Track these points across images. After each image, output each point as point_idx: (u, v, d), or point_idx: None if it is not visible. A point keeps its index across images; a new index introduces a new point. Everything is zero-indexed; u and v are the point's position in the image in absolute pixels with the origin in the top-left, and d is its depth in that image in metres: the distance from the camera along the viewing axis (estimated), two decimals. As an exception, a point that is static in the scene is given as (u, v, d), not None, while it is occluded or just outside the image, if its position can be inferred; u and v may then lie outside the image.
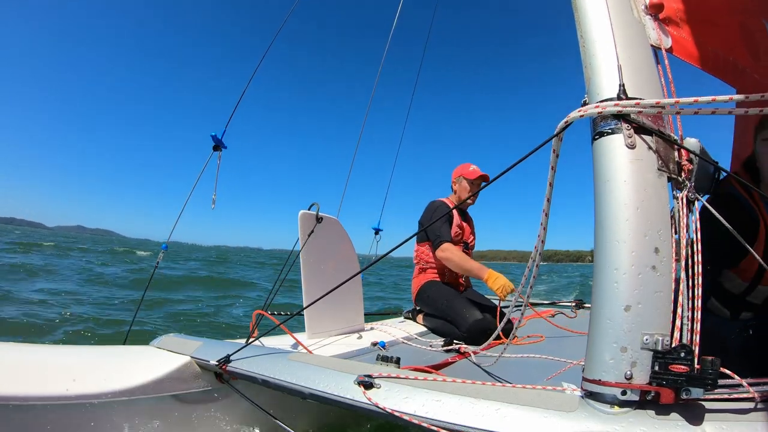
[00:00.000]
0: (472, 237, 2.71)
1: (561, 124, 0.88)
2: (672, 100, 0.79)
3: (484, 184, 2.60)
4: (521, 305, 2.82)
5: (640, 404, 0.71)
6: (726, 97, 0.75)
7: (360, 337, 2.02)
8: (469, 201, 2.62)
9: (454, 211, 2.57)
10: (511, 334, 1.36)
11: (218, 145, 2.08)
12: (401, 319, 2.72)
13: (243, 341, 1.33)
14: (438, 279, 2.51)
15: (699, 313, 0.77)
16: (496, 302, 2.39)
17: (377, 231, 3.47)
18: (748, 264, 1.29)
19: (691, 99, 0.78)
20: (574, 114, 0.86)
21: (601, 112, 0.82)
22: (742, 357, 1.26)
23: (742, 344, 1.29)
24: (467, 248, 2.63)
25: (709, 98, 0.76)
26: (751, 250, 0.92)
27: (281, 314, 2.40)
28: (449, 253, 2.34)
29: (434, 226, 2.40)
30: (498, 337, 1.98)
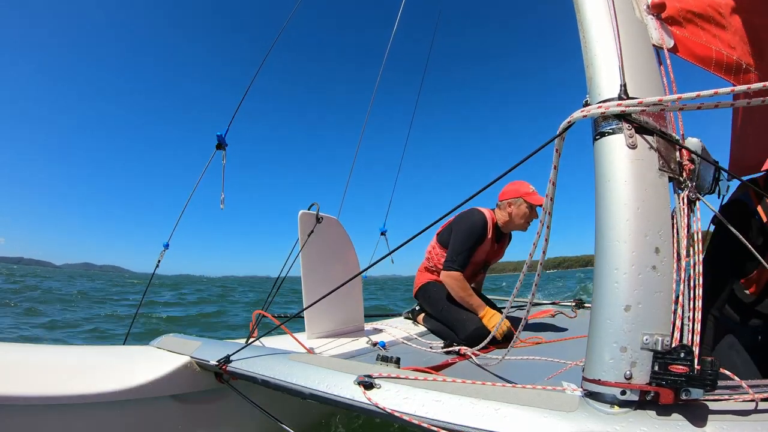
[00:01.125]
0: (499, 257, 2.55)
1: (563, 124, 0.88)
2: (674, 97, 0.79)
3: (487, 186, 2.40)
4: (523, 307, 2.82)
5: (640, 404, 0.71)
6: (728, 89, 0.74)
7: (360, 338, 2.02)
8: (520, 223, 2.32)
9: (489, 233, 2.34)
10: (513, 339, 1.35)
11: (221, 144, 2.09)
12: (401, 319, 2.72)
13: (243, 341, 1.33)
14: (442, 282, 2.44)
15: (699, 313, 0.76)
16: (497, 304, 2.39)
17: (383, 233, 3.47)
18: (758, 275, 1.29)
19: (693, 94, 0.77)
20: (576, 114, 0.86)
21: (603, 112, 0.81)
22: (751, 361, 1.27)
23: (751, 349, 1.29)
24: (485, 268, 2.53)
25: (711, 91, 0.75)
26: (757, 255, 0.92)
27: (281, 316, 2.40)
28: (453, 282, 2.22)
29: (458, 244, 2.25)
30: (496, 341, 1.98)
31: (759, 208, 1.28)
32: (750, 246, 0.90)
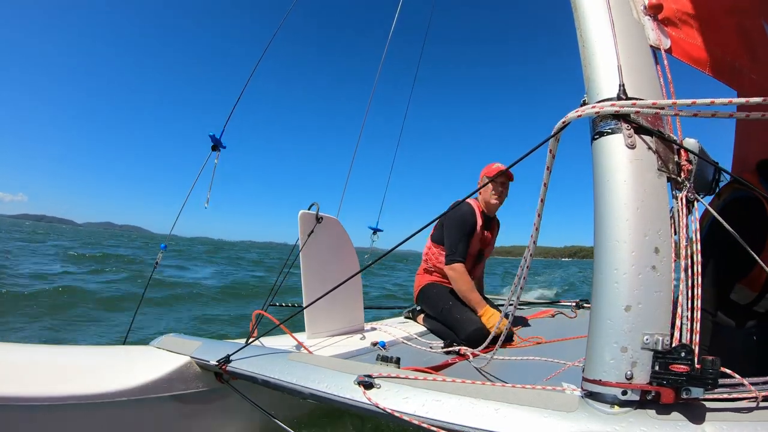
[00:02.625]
0: (491, 246, 2.60)
1: (559, 124, 0.88)
2: (678, 101, 0.79)
3: (485, 184, 2.42)
4: (521, 308, 2.81)
5: (641, 404, 0.71)
6: (725, 100, 0.75)
7: (360, 337, 2.02)
8: (494, 201, 2.42)
9: (478, 220, 2.43)
10: (502, 336, 1.34)
11: (216, 145, 2.08)
12: (401, 319, 2.71)
13: (243, 341, 1.33)
14: (441, 282, 2.47)
15: (699, 312, 0.76)
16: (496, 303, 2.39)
17: (375, 231, 3.46)
18: (757, 274, 1.29)
19: (689, 101, 0.78)
20: (573, 114, 0.86)
21: (598, 112, 0.82)
22: (746, 360, 1.27)
23: (746, 349, 1.29)
24: (481, 258, 2.56)
25: (708, 100, 0.75)
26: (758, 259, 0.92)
27: (283, 306, 2.39)
28: (456, 274, 2.29)
29: (453, 236, 2.33)
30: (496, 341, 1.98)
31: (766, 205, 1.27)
32: (748, 247, 0.90)
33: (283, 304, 2.39)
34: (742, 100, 0.73)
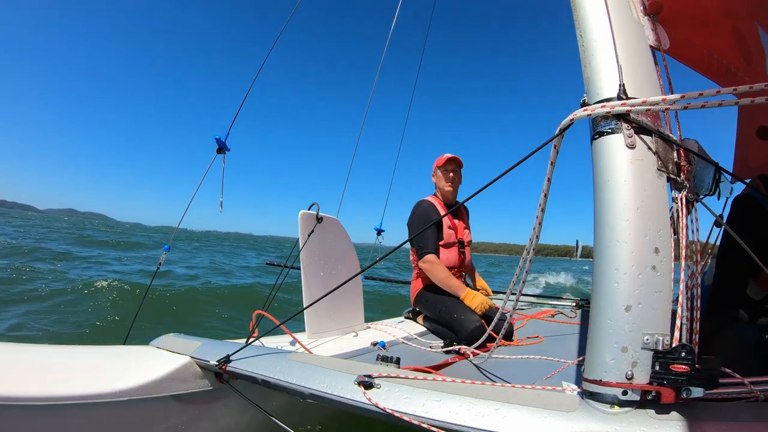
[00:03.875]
0: (467, 232, 2.63)
1: (563, 123, 0.88)
2: (668, 97, 0.79)
3: (489, 183, 2.50)
4: (520, 309, 2.82)
5: (641, 404, 0.71)
6: (713, 91, 0.75)
7: (360, 338, 2.02)
8: (447, 188, 2.48)
9: (441, 211, 2.47)
10: (500, 332, 1.35)
11: (222, 148, 2.08)
12: (401, 319, 2.72)
13: (243, 341, 1.33)
14: (435, 284, 2.45)
15: (698, 312, 0.77)
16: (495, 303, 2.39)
17: (379, 232, 3.47)
18: (766, 276, 1.29)
19: (678, 96, 0.78)
20: (576, 113, 0.86)
21: (608, 112, 0.81)
22: (759, 358, 1.27)
23: (760, 346, 1.30)
24: (463, 247, 2.56)
25: (696, 93, 0.76)
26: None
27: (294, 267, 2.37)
28: (429, 265, 2.31)
29: (417, 232, 2.33)
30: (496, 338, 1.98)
31: None
32: (747, 248, 0.90)
33: (295, 267, 2.34)
34: (730, 89, 0.73)
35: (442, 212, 2.46)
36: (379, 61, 3.30)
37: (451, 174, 2.51)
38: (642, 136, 0.81)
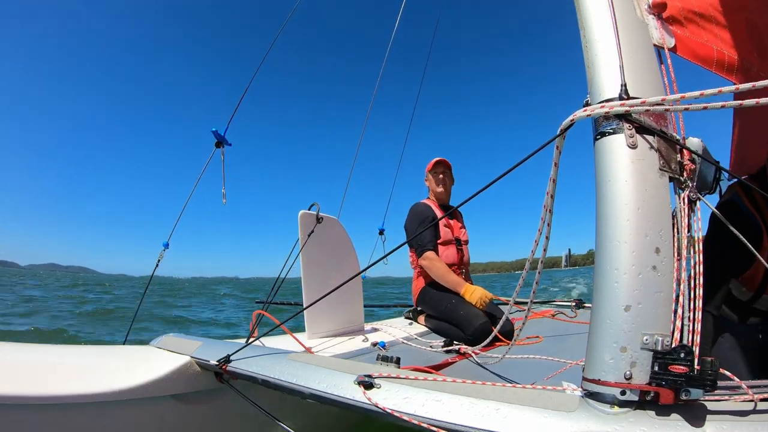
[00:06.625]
0: (463, 231, 2.67)
1: (564, 123, 0.88)
2: (667, 97, 0.79)
3: (487, 186, 2.58)
4: (522, 305, 2.84)
5: (640, 404, 0.71)
6: (715, 90, 0.74)
7: (360, 338, 2.02)
8: (439, 189, 2.59)
9: (439, 211, 2.54)
10: (514, 336, 1.35)
11: (221, 142, 2.08)
12: (401, 319, 2.72)
13: (243, 341, 1.33)
14: (435, 281, 2.48)
15: (699, 313, 0.76)
16: (497, 302, 2.40)
17: (381, 231, 3.48)
18: (753, 273, 1.30)
19: (678, 96, 0.77)
20: (577, 114, 0.86)
21: (606, 112, 0.81)
22: (749, 357, 1.27)
23: (752, 347, 1.30)
24: (460, 244, 2.59)
25: (698, 93, 0.75)
26: (759, 255, 0.92)
27: (282, 302, 2.40)
28: (429, 262, 2.37)
29: (416, 231, 2.41)
30: (498, 339, 1.99)
31: (751, 209, 1.29)
32: (749, 244, 0.90)
33: (284, 302, 2.39)
34: (732, 87, 0.73)
35: (438, 213, 2.52)
36: (382, 63, 3.29)
37: (441, 176, 2.60)
38: (644, 135, 0.81)
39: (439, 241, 2.47)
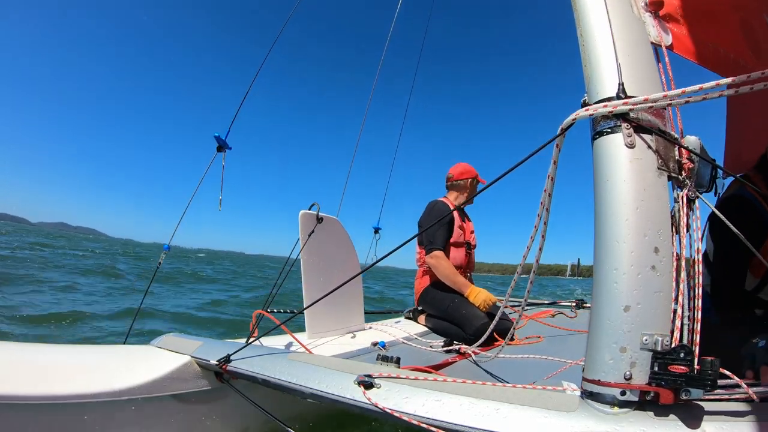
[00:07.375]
0: (473, 236, 2.71)
1: (564, 123, 0.87)
2: (668, 93, 0.78)
3: (481, 186, 2.65)
4: (518, 305, 2.85)
5: (640, 404, 0.70)
6: (713, 83, 0.74)
7: (360, 338, 2.02)
8: (472, 197, 2.65)
9: (455, 212, 2.56)
10: (508, 335, 1.36)
11: (222, 146, 2.08)
12: (401, 319, 2.72)
13: (243, 341, 1.34)
14: (442, 282, 2.49)
15: (699, 313, 0.76)
16: (499, 303, 2.40)
17: (377, 230, 3.48)
18: (758, 261, 1.30)
19: (679, 91, 0.77)
20: (574, 114, 0.86)
21: (609, 111, 0.81)
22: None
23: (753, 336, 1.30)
24: (470, 248, 2.62)
25: (697, 87, 0.75)
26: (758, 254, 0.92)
27: (282, 311, 2.41)
28: (436, 261, 2.37)
29: (430, 230, 2.41)
30: (497, 338, 1.99)
31: (760, 200, 1.28)
32: (749, 244, 0.90)
33: (282, 311, 2.39)
34: (728, 80, 0.73)
35: (455, 215, 2.55)
36: (380, 60, 3.30)
37: (473, 188, 2.68)
38: (642, 134, 0.81)
39: (450, 241, 2.49)
